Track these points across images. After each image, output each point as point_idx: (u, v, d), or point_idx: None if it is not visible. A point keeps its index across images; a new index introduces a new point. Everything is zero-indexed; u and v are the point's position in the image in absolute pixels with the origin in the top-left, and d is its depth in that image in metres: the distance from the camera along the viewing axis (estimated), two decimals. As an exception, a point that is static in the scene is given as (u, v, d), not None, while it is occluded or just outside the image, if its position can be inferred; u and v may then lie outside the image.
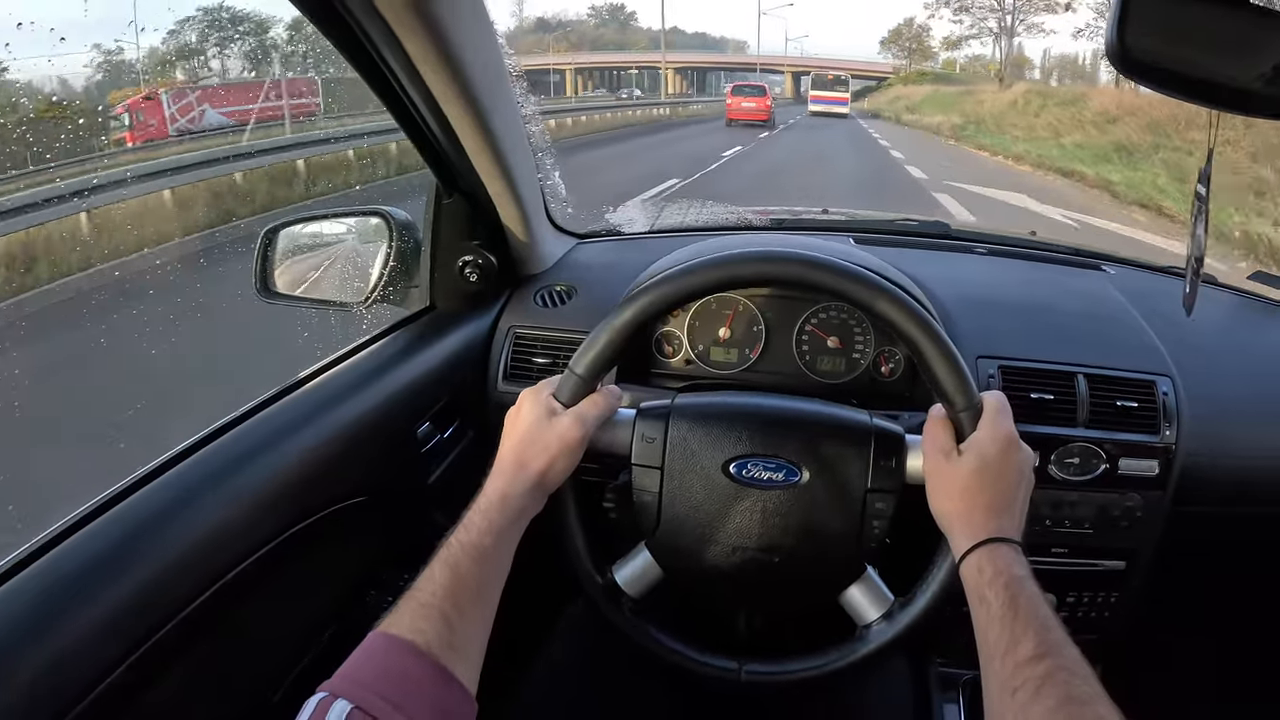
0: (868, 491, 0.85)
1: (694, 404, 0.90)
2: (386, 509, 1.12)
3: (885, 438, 0.87)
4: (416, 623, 0.67)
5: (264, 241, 1.26)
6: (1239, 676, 1.70)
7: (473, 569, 0.73)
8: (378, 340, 1.21)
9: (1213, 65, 0.87)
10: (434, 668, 0.65)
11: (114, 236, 6.24)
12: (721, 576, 0.88)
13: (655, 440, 0.87)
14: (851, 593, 0.89)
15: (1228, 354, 1.37)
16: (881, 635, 0.88)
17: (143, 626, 0.74)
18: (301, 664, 1.03)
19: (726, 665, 0.90)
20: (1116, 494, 1.18)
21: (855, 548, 0.87)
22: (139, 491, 0.83)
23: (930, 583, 0.86)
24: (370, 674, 0.63)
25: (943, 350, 0.82)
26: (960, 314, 1.27)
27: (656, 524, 0.87)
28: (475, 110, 1.06)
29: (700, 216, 1.72)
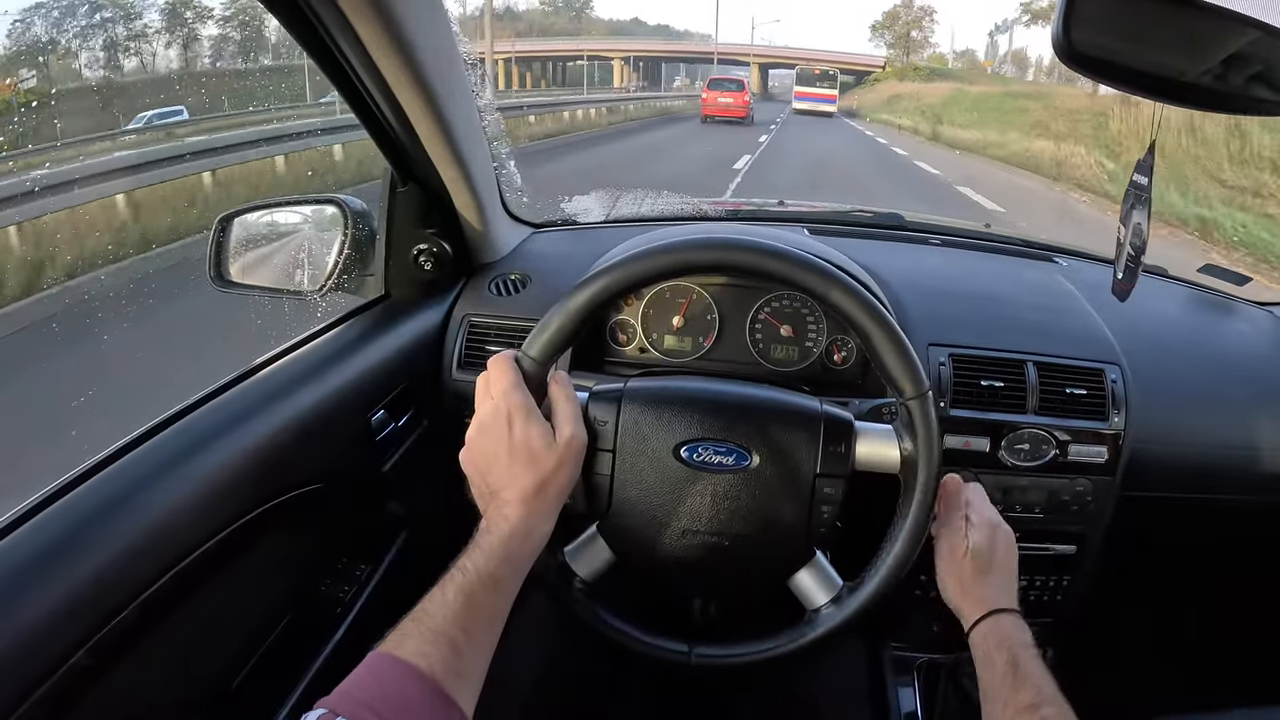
0: (817, 476, 0.86)
1: (646, 388, 0.90)
2: (341, 497, 1.13)
3: (835, 424, 0.88)
4: (424, 647, 0.66)
5: (218, 229, 1.25)
6: (1187, 655, 1.75)
7: (486, 598, 0.72)
8: (332, 328, 1.21)
9: (1158, 60, 0.88)
10: (436, 694, 0.64)
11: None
12: (672, 559, 0.89)
13: (607, 423, 0.87)
14: (800, 577, 0.90)
15: (1177, 344, 1.41)
16: (830, 619, 0.89)
17: (101, 611, 0.74)
18: (259, 651, 1.03)
19: (676, 648, 0.91)
20: (1066, 479, 1.21)
21: (804, 532, 0.88)
22: (94, 477, 0.83)
23: (879, 568, 0.88)
24: (371, 695, 0.62)
25: (892, 338, 0.84)
26: (911, 302, 1.29)
27: (608, 506, 0.88)
28: (428, 97, 1.06)
29: (655, 206, 1.73)
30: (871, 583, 0.88)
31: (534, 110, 19.55)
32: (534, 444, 0.79)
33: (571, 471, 0.82)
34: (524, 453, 0.79)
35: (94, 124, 9.28)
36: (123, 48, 8.88)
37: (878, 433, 0.89)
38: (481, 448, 0.81)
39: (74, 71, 9.94)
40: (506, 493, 0.78)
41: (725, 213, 1.67)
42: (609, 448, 0.87)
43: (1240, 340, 1.48)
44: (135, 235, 6.24)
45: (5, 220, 5.28)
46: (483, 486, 0.81)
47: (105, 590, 0.75)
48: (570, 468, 0.82)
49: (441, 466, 1.30)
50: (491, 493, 0.79)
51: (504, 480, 0.78)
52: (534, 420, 0.80)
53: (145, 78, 10.27)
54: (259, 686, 1.01)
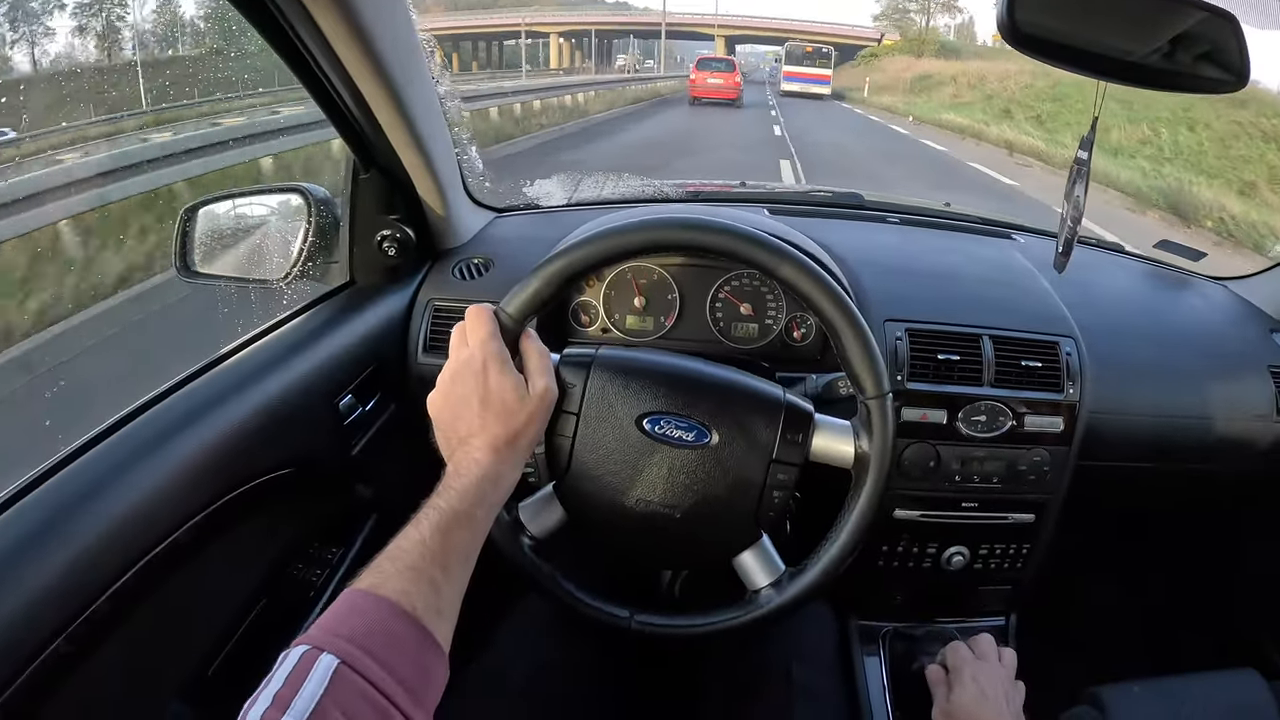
0: (772, 461, 0.89)
1: (617, 356, 0.92)
2: (311, 481, 1.14)
3: (795, 414, 0.90)
4: (404, 585, 0.65)
5: (183, 219, 1.25)
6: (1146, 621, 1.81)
7: (461, 536, 0.72)
8: (298, 315, 1.22)
9: (1104, 40, 0.91)
10: (420, 630, 0.64)
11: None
12: (622, 526, 0.91)
13: (575, 386, 0.89)
14: (744, 558, 0.93)
15: (1132, 318, 1.44)
16: (769, 602, 0.91)
17: (76, 601, 0.76)
18: (235, 636, 1.05)
19: (618, 612, 0.93)
20: (1023, 449, 1.23)
21: (753, 514, 0.90)
22: (65, 469, 0.84)
23: (821, 557, 0.90)
24: (356, 631, 0.61)
25: (860, 337, 0.87)
26: (868, 279, 1.31)
27: (566, 468, 0.90)
28: (388, 84, 1.07)
29: (617, 189, 1.74)
30: (813, 570, 0.90)
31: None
32: (507, 395, 0.80)
33: (542, 424, 0.84)
34: (497, 402, 0.80)
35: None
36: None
37: (836, 427, 0.92)
38: (453, 394, 0.81)
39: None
40: (477, 440, 0.79)
41: (686, 194, 1.69)
42: (574, 410, 0.89)
43: (1194, 314, 1.51)
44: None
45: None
46: (450, 433, 0.81)
47: (81, 579, 0.76)
48: (541, 420, 0.84)
49: (409, 449, 1.33)
50: (460, 439, 0.80)
51: (474, 428, 0.79)
52: (508, 371, 0.81)
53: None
54: (236, 670, 1.03)
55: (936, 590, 1.39)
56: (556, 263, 0.87)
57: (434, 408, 0.83)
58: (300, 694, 0.54)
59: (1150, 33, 0.91)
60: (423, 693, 0.62)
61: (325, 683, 0.56)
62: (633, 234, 0.89)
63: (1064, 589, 1.64)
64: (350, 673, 0.57)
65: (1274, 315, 1.48)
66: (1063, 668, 1.35)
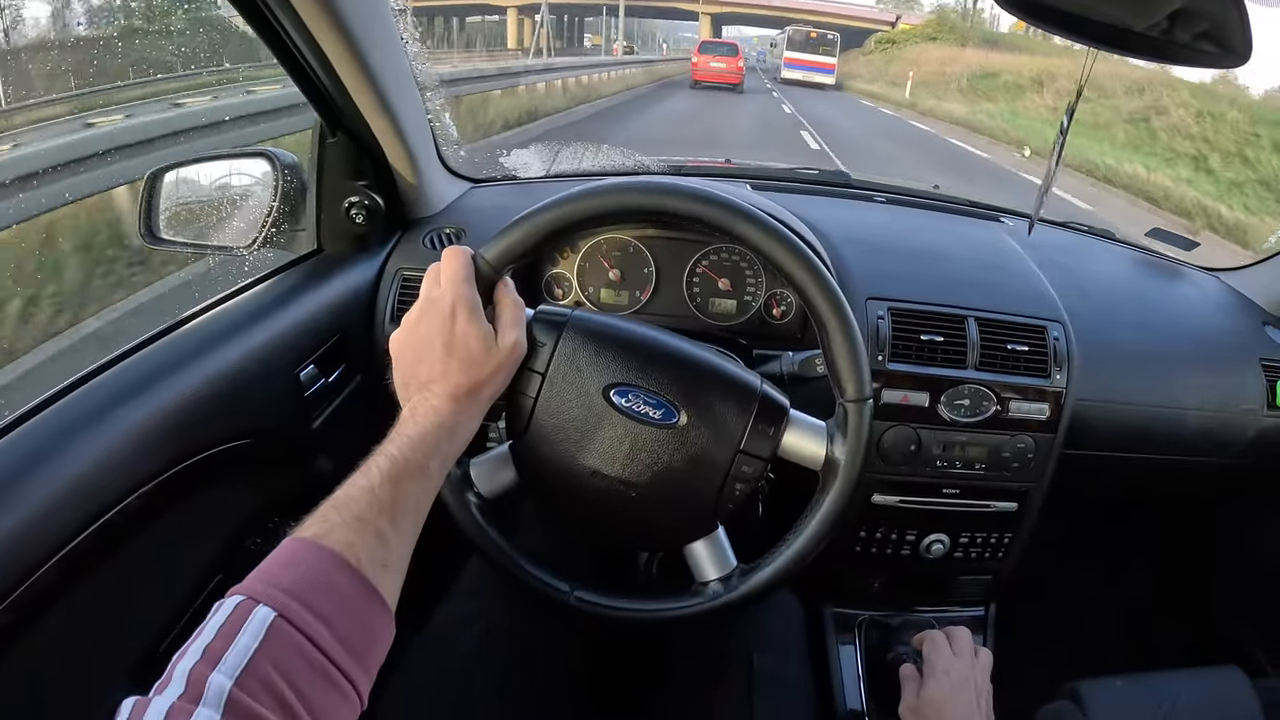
0: (739, 452, 0.85)
1: (592, 320, 0.88)
2: (270, 453, 1.11)
3: (769, 406, 0.86)
4: (349, 536, 0.61)
5: (149, 184, 1.21)
6: (1126, 614, 1.79)
7: (413, 488, 0.69)
8: (261, 283, 1.19)
9: (1104, 9, 0.88)
10: (365, 585, 0.60)
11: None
12: (574, 497, 0.87)
13: (545, 345, 0.85)
14: (696, 547, 0.89)
15: (1122, 305, 1.41)
16: (715, 597, 0.88)
17: (20, 566, 0.73)
18: (190, 612, 1.02)
19: (557, 585, 0.90)
20: (1007, 436, 1.21)
21: (712, 503, 0.86)
22: (14, 431, 0.81)
23: (775, 558, 0.87)
24: (295, 582, 0.57)
25: (849, 337, 0.83)
26: (851, 257, 1.28)
27: (525, 428, 0.86)
28: (351, 45, 1.03)
29: (596, 161, 1.71)
30: (765, 570, 0.87)
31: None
32: (473, 343, 0.76)
33: (506, 378, 0.81)
34: (462, 350, 0.76)
35: None
36: None
37: (809, 426, 0.88)
38: (417, 334, 0.78)
39: None
40: (437, 386, 0.75)
41: (668, 168, 1.65)
42: (540, 370, 0.85)
43: (1185, 304, 1.49)
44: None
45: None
46: (410, 376, 0.78)
47: (22, 547, 0.73)
48: (506, 373, 0.80)
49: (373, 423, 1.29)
50: (419, 384, 0.76)
51: (435, 374, 0.76)
52: (477, 319, 0.77)
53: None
54: None
55: (915, 578, 1.36)
56: (547, 214, 0.83)
57: (395, 345, 0.79)
58: (233, 647, 0.51)
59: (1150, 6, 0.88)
60: (365, 651, 0.58)
61: (260, 636, 0.52)
62: (635, 194, 0.85)
63: (1044, 579, 1.62)
64: (287, 627, 0.54)
65: (1266, 308, 1.46)
66: (1041, 659, 1.33)
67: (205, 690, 0.48)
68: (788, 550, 0.86)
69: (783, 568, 0.86)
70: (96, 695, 0.89)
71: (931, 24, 40.29)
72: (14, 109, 5.00)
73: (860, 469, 0.84)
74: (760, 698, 1.01)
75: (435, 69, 4.52)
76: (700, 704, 1.02)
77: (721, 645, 1.07)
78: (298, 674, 0.52)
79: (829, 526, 0.85)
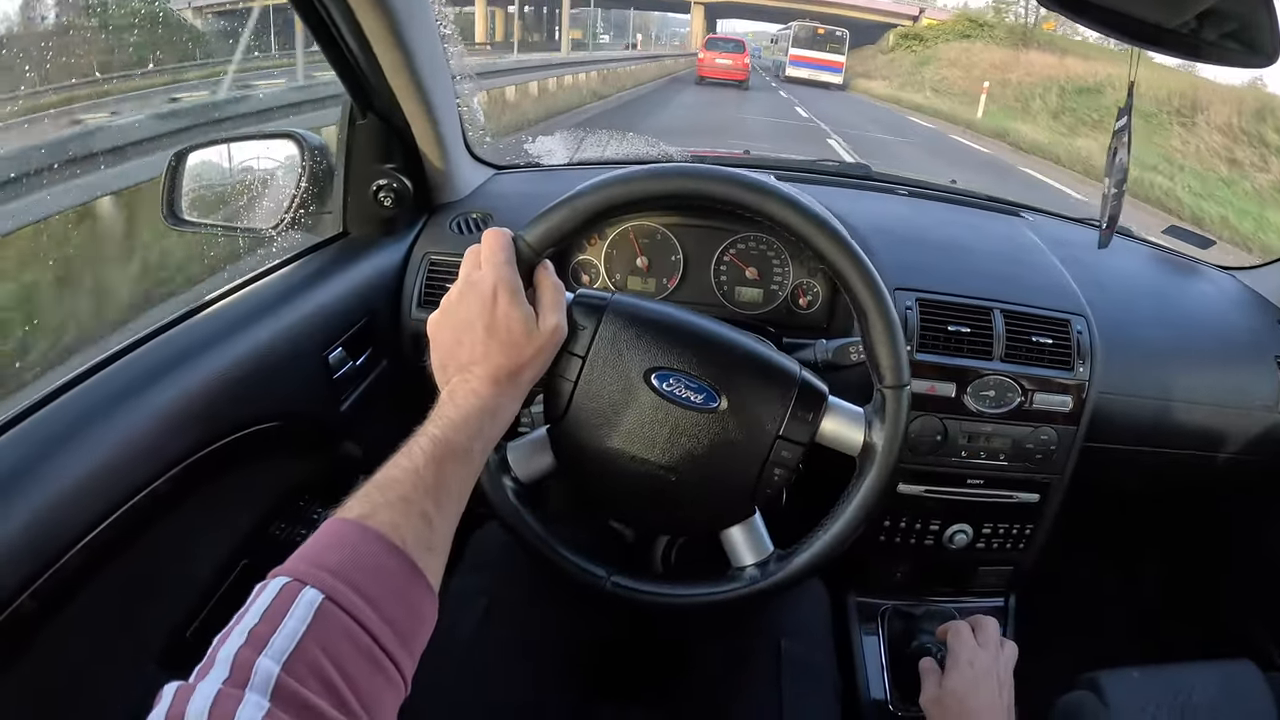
0: (778, 437, 0.85)
1: (632, 304, 0.88)
2: (298, 436, 1.11)
3: (809, 392, 0.86)
4: (394, 517, 0.60)
5: (172, 165, 1.20)
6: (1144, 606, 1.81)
7: (456, 470, 0.67)
8: (288, 265, 1.18)
9: (1139, 7, 0.89)
10: (411, 567, 0.59)
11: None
12: (613, 481, 0.87)
13: (585, 329, 0.85)
14: (734, 532, 0.89)
15: (1141, 301, 1.42)
16: (752, 582, 0.88)
17: (47, 551, 0.72)
18: (216, 596, 1.02)
19: (595, 571, 0.90)
20: (1031, 427, 1.22)
21: (750, 488, 0.87)
22: (41, 411, 0.80)
23: (812, 544, 0.87)
24: (343, 563, 0.56)
25: (888, 325, 0.83)
26: (880, 247, 1.28)
27: (565, 412, 0.85)
28: (391, 23, 1.03)
29: (621, 150, 1.72)
30: (802, 556, 0.87)
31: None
32: (515, 326, 0.75)
33: (546, 361, 0.80)
34: (503, 332, 0.75)
35: None
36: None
37: (848, 412, 0.88)
38: (457, 316, 0.77)
39: None
40: (478, 368, 0.74)
41: (691, 158, 1.66)
42: (580, 353, 0.85)
43: (1202, 301, 1.50)
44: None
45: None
46: (449, 358, 0.77)
47: (52, 529, 0.73)
48: (547, 356, 0.79)
49: (400, 409, 1.29)
50: (459, 366, 0.75)
51: (476, 355, 0.75)
52: (519, 301, 0.76)
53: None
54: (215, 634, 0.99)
55: (937, 568, 1.37)
56: (586, 197, 0.82)
57: (434, 327, 0.78)
58: (280, 631, 0.50)
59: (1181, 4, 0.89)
60: (410, 633, 0.57)
61: (308, 620, 0.51)
62: (679, 179, 0.84)
63: (1061, 572, 1.63)
64: (335, 609, 0.52)
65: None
66: (1059, 650, 1.34)
67: (252, 675, 0.47)
68: (825, 535, 0.86)
69: (819, 553, 0.86)
70: (124, 679, 0.89)
71: (963, 19, 34.97)
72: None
73: (897, 455, 0.85)
74: (788, 683, 1.01)
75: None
76: (728, 687, 1.02)
77: (750, 630, 1.07)
78: (345, 658, 0.51)
79: (866, 512, 0.86)
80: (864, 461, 0.86)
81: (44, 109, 3.97)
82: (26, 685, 0.74)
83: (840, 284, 0.85)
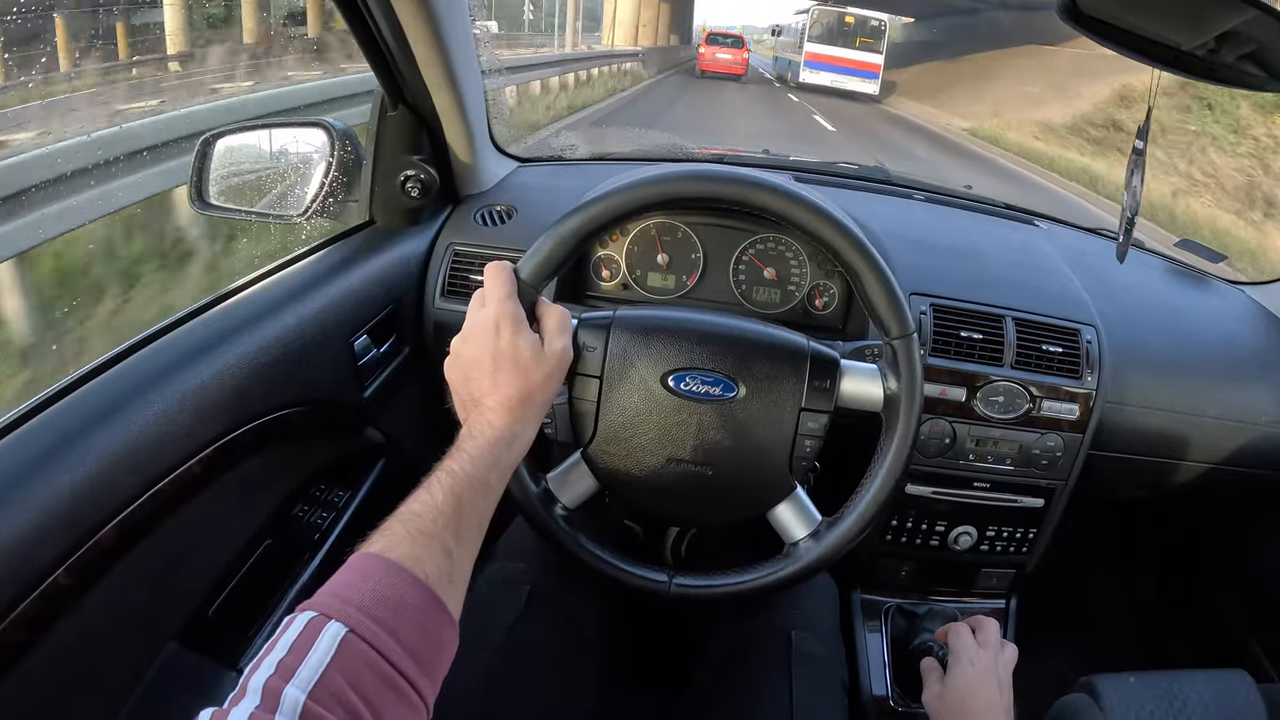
0: (801, 410, 0.88)
1: (636, 316, 0.91)
2: (322, 421, 1.13)
3: (821, 360, 0.89)
4: (416, 550, 0.63)
5: (201, 150, 1.22)
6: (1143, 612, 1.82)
7: (475, 501, 0.70)
8: (315, 253, 1.20)
9: (1159, 29, 0.90)
10: (431, 598, 0.61)
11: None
12: (655, 487, 0.90)
13: (596, 349, 0.88)
14: (780, 510, 0.92)
15: (1150, 312, 1.43)
16: (808, 554, 0.90)
17: (82, 528, 0.74)
18: (238, 576, 1.04)
19: (656, 577, 0.92)
20: (1038, 434, 1.23)
21: (786, 465, 0.89)
22: (76, 392, 0.82)
23: (857, 505, 0.89)
24: (365, 597, 0.58)
25: (881, 279, 0.86)
26: (895, 250, 1.30)
27: (594, 433, 0.89)
28: (429, 17, 1.05)
29: (642, 145, 1.73)
30: (849, 518, 0.89)
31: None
32: (522, 353, 0.78)
33: (557, 384, 0.82)
34: (510, 361, 0.78)
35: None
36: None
37: (862, 371, 0.91)
38: (465, 355, 0.80)
39: None
40: (490, 399, 0.77)
41: (711, 156, 1.68)
42: (596, 374, 0.88)
43: (1212, 315, 1.51)
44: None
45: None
46: (465, 394, 0.80)
47: (86, 507, 0.75)
48: (556, 380, 0.82)
49: (421, 396, 1.31)
50: (474, 400, 0.78)
51: (487, 388, 0.78)
52: (523, 331, 0.79)
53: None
54: (237, 613, 1.02)
55: (941, 568, 1.39)
56: (568, 222, 0.85)
57: (448, 370, 0.82)
58: (306, 663, 0.53)
59: (1199, 26, 0.90)
60: (432, 663, 0.60)
61: (332, 652, 0.54)
62: (643, 189, 0.87)
63: (1063, 576, 1.65)
64: (358, 641, 0.55)
65: None
66: (1058, 653, 1.37)
67: (280, 702, 0.49)
68: (867, 493, 0.89)
69: (866, 512, 0.89)
70: (147, 655, 0.92)
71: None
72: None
73: (921, 402, 0.87)
74: (798, 672, 1.03)
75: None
76: (742, 674, 1.05)
77: (763, 622, 1.10)
78: (368, 686, 0.54)
79: (901, 461, 0.88)
80: (889, 415, 0.89)
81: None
82: (55, 658, 0.76)
83: (827, 251, 0.87)
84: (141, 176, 3.39)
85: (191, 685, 0.93)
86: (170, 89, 5.78)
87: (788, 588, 0.92)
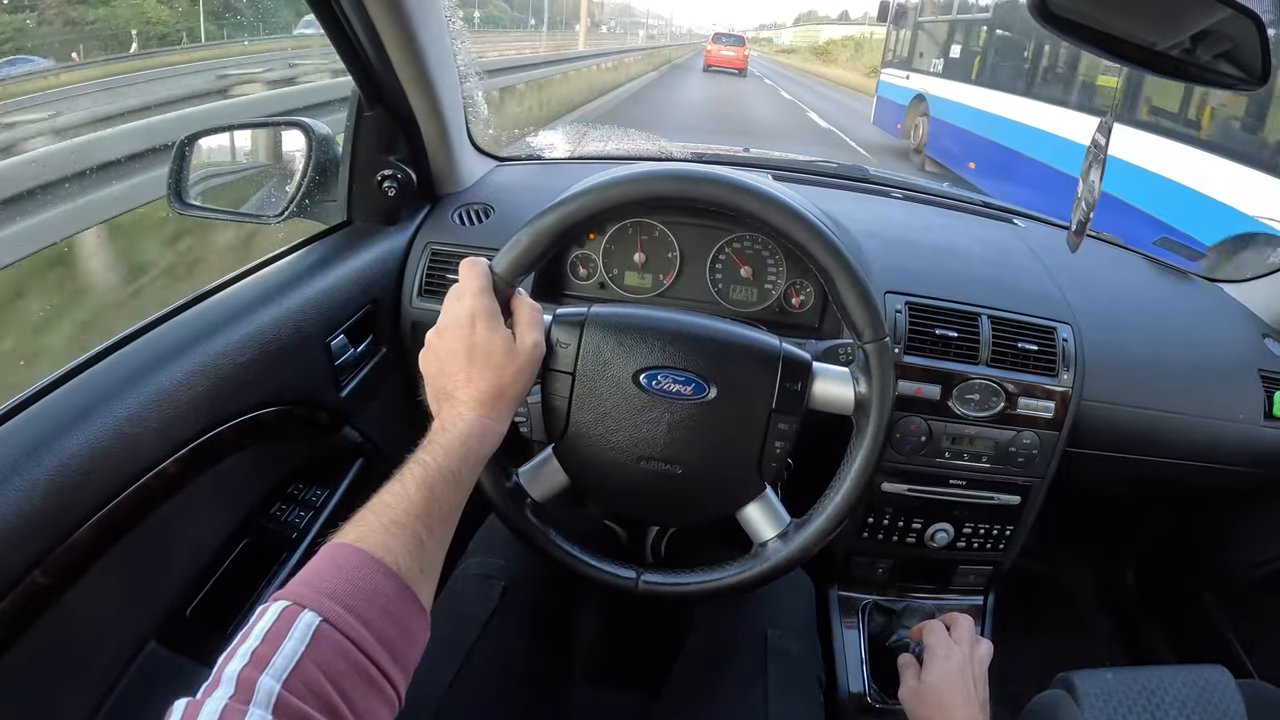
0: (772, 412, 0.88)
1: (609, 314, 0.90)
2: (300, 420, 1.13)
3: (793, 362, 0.89)
4: (388, 540, 0.63)
5: (180, 150, 1.22)
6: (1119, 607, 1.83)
7: (446, 493, 0.70)
8: (292, 252, 1.20)
9: (1131, 28, 0.91)
10: (403, 588, 0.62)
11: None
12: (625, 484, 0.90)
13: (569, 346, 0.88)
14: (750, 511, 0.92)
15: (1128, 311, 1.43)
16: (776, 554, 0.90)
17: (58, 527, 0.74)
18: (215, 575, 1.04)
19: (624, 573, 0.92)
20: (1013, 431, 1.24)
21: (756, 466, 0.89)
22: (53, 393, 0.82)
23: (825, 506, 0.89)
24: (338, 587, 0.59)
25: (854, 282, 0.86)
26: (871, 250, 1.31)
27: (565, 429, 0.89)
28: (402, 18, 1.05)
29: (621, 145, 1.73)
30: (818, 520, 0.89)
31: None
32: (494, 349, 0.78)
33: (529, 379, 0.83)
34: (483, 356, 0.78)
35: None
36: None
37: (834, 374, 0.91)
38: (440, 348, 0.80)
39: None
40: (462, 393, 0.78)
41: (691, 155, 1.68)
42: (569, 370, 0.88)
43: (1189, 312, 1.51)
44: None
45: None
46: (438, 387, 0.80)
47: (63, 506, 0.75)
48: (529, 375, 0.82)
49: (398, 395, 1.31)
50: (446, 393, 0.79)
51: (459, 381, 0.78)
52: (497, 326, 0.80)
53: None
54: (215, 612, 1.02)
55: (918, 565, 1.40)
56: (545, 218, 0.85)
57: (422, 363, 0.82)
58: (280, 652, 0.53)
59: (1174, 25, 0.90)
60: (404, 653, 0.61)
61: (306, 641, 0.54)
62: (619, 187, 0.87)
63: (1040, 573, 1.66)
64: (331, 630, 0.56)
65: (1267, 320, 1.48)
66: (1035, 649, 1.37)
67: (255, 692, 0.49)
68: (836, 496, 0.89)
69: (834, 514, 0.89)
70: (125, 655, 0.92)
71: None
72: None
73: (891, 407, 0.87)
74: (774, 670, 1.04)
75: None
76: (717, 673, 1.05)
77: (739, 620, 1.10)
78: (341, 676, 0.54)
79: (872, 464, 0.88)
80: (859, 418, 0.89)
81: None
82: (32, 658, 0.76)
83: (800, 253, 0.87)
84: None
85: (170, 684, 0.92)
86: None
87: (756, 588, 0.92)
